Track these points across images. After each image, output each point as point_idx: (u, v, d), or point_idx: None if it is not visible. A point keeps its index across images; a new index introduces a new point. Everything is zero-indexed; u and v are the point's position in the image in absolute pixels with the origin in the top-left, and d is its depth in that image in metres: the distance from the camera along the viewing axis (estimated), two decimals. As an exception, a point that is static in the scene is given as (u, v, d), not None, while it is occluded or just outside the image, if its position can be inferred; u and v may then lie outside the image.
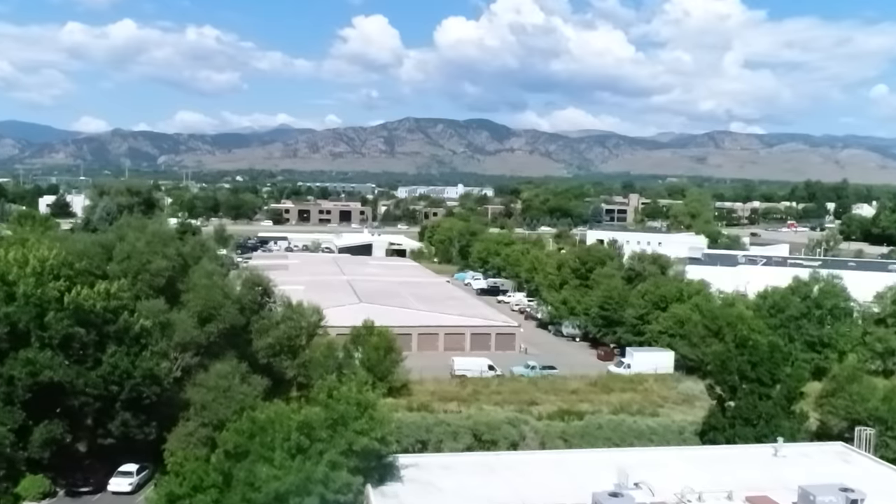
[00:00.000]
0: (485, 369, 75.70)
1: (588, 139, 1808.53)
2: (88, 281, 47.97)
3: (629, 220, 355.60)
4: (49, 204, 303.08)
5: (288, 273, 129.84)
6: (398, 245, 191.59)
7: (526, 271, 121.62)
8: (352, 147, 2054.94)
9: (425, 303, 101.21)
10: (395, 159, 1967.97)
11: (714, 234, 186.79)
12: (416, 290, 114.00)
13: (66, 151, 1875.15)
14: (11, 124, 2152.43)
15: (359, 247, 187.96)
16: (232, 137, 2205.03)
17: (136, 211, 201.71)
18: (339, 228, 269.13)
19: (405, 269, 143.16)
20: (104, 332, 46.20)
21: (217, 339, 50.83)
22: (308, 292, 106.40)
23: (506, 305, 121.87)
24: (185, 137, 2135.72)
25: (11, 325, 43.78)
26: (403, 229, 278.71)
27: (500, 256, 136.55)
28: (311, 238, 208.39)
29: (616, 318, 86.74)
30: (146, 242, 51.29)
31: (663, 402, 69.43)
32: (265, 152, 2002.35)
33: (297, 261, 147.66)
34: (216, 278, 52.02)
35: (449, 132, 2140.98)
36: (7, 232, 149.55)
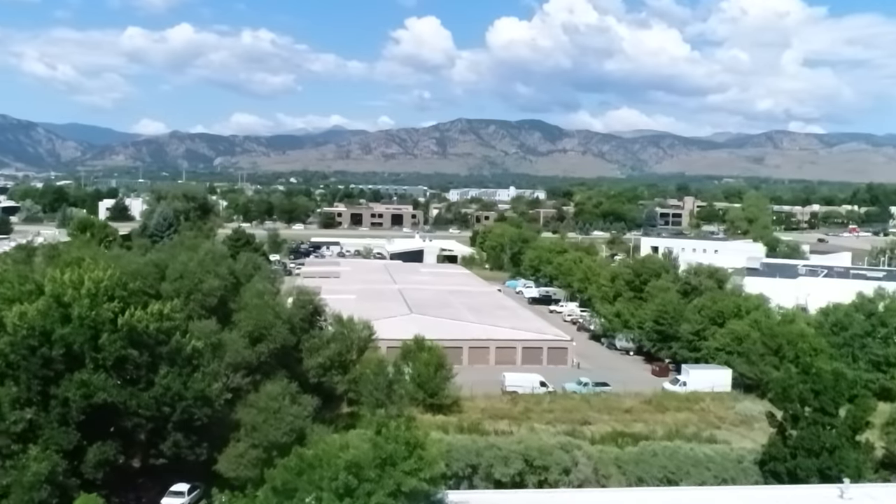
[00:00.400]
0: (536, 386, 74.64)
1: (642, 139, 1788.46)
2: (142, 301, 48.29)
3: (684, 224, 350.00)
4: (108, 208, 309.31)
5: (340, 281, 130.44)
6: (449, 251, 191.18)
7: (579, 281, 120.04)
8: (404, 148, 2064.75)
9: (476, 314, 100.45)
10: (447, 160, 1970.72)
11: (772, 241, 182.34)
12: (467, 299, 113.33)
13: (125, 153, 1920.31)
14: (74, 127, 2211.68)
15: (410, 252, 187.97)
16: (286, 139, 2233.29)
17: (192, 216, 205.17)
18: (390, 233, 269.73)
19: (456, 276, 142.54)
20: (157, 353, 46.43)
21: (268, 358, 50.78)
22: (359, 302, 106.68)
23: (557, 316, 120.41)
24: (240, 139, 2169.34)
25: (67, 346, 44.20)
26: (455, 234, 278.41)
27: (553, 265, 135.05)
28: (362, 243, 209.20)
29: (671, 332, 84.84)
30: (199, 262, 51.51)
31: (720, 423, 67.65)
32: (318, 154, 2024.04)
33: (349, 268, 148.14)
34: (267, 297, 51.98)
35: (501, 133, 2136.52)
36: (67, 238, 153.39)
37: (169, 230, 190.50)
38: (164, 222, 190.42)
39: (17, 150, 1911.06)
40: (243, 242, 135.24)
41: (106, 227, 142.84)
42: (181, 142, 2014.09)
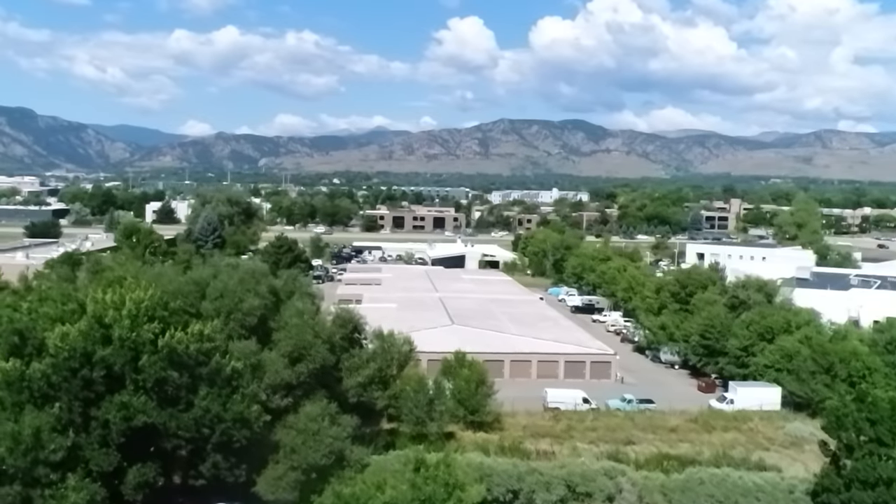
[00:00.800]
0: (579, 402, 73.36)
1: (687, 139, 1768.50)
2: (182, 321, 48.14)
3: (730, 228, 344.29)
4: (155, 210, 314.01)
5: (381, 289, 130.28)
6: (491, 256, 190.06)
7: (623, 290, 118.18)
8: (446, 149, 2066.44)
9: (518, 324, 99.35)
10: (490, 161, 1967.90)
11: (822, 249, 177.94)
12: (508, 308, 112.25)
13: (172, 154, 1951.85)
14: (123, 128, 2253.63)
15: (452, 258, 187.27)
16: (329, 140, 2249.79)
17: (236, 221, 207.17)
18: (432, 236, 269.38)
19: (498, 284, 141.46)
20: (196, 374, 46.22)
21: (307, 378, 50.38)
22: (400, 311, 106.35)
23: (601, 326, 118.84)
24: (284, 140, 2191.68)
25: (107, 367, 44.21)
26: (497, 237, 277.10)
27: (596, 273, 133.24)
28: (404, 248, 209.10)
29: (718, 347, 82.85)
30: (239, 280, 51.31)
31: (769, 444, 65.73)
32: (361, 154, 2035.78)
33: (391, 274, 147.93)
34: (307, 317, 51.55)
35: (544, 133, 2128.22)
36: (114, 243, 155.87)
37: (213, 235, 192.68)
38: (209, 227, 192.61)
39: (68, 152, 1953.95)
40: (286, 249, 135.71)
41: (151, 234, 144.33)
42: (227, 143, 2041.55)
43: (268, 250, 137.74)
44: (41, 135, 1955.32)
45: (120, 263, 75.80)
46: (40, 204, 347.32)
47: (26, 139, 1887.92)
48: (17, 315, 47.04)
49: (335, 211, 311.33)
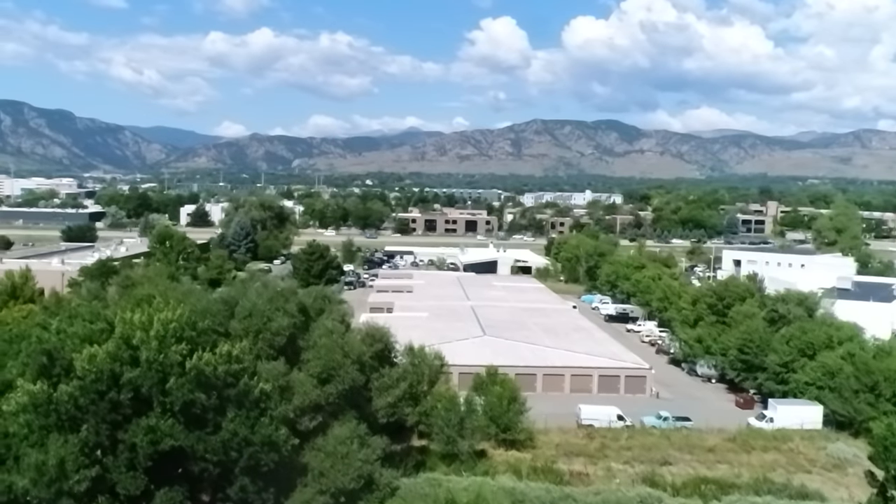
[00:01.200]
0: (613, 419, 71.77)
1: (722, 139, 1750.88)
2: (210, 341, 47.59)
3: (767, 232, 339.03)
4: (189, 213, 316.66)
5: (412, 296, 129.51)
6: (523, 262, 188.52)
7: (658, 300, 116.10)
8: (479, 149, 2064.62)
9: (551, 335, 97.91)
10: (522, 161, 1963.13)
11: (864, 256, 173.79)
12: (541, 318, 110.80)
13: (207, 156, 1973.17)
14: (159, 130, 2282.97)
15: (484, 263, 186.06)
16: (362, 141, 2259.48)
17: (268, 225, 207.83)
18: (464, 240, 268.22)
19: (530, 291, 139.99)
20: (224, 396, 45.58)
21: (336, 399, 49.57)
22: (432, 320, 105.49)
23: (635, 335, 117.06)
24: (317, 141, 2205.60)
25: (135, 389, 43.78)
26: (529, 241, 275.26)
27: (630, 281, 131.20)
28: (436, 253, 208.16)
29: (757, 363, 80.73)
30: (268, 299, 50.64)
31: (811, 466, 63.68)
32: (394, 155, 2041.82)
33: (422, 281, 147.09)
34: (336, 336, 50.72)
35: (577, 133, 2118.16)
36: (148, 247, 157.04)
37: (246, 240, 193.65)
38: (242, 231, 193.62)
39: (105, 153, 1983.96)
40: (317, 256, 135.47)
41: (184, 240, 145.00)
42: (261, 144, 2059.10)
43: (300, 257, 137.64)
44: (80, 136, 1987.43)
45: (149, 278, 75.71)
46: (77, 207, 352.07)
47: (65, 141, 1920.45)
48: (45, 335, 46.87)
49: (367, 214, 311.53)
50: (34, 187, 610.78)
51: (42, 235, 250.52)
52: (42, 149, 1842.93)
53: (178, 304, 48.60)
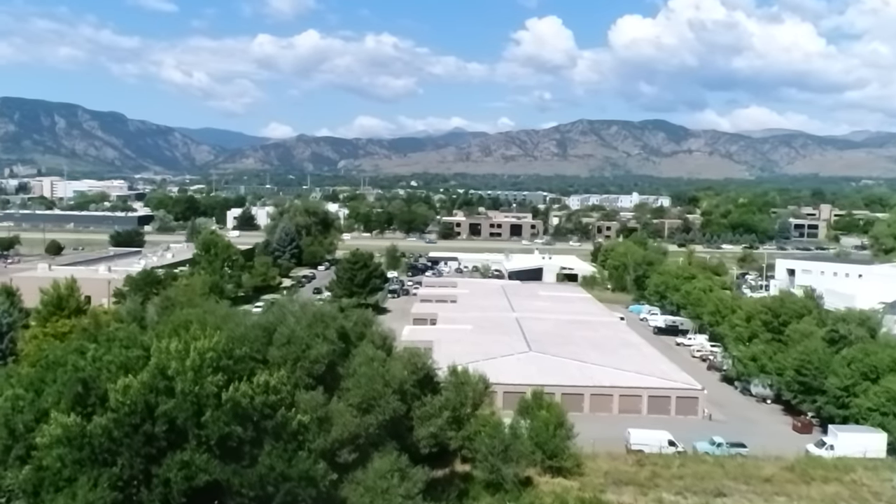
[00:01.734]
0: (664, 444, 69.00)
1: (773, 139, 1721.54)
2: (248, 368, 46.32)
3: (820, 236, 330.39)
4: (236, 217, 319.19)
5: (457, 307, 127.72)
6: (569, 269, 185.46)
7: (709, 314, 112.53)
8: (524, 150, 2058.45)
9: (599, 351, 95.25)
10: (568, 162, 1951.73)
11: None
12: (588, 331, 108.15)
13: (255, 157, 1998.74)
14: (208, 131, 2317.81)
15: (529, 271, 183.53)
16: (407, 142, 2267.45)
17: (313, 231, 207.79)
18: (508, 245, 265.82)
19: (577, 302, 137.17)
20: (261, 429, 44.19)
21: (376, 430, 47.85)
22: (476, 334, 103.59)
23: (685, 350, 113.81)
24: (363, 142, 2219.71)
25: (170, 422, 42.59)
26: (575, 246, 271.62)
27: (680, 293, 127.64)
28: (480, 259, 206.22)
29: (816, 385, 77.18)
30: (308, 325, 49.11)
31: (876, 500, 60.32)
32: (439, 156, 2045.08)
33: (466, 290, 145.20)
34: (377, 364, 49.01)
35: (623, 134, 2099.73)
36: (193, 253, 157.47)
37: (291, 245, 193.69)
38: (286, 237, 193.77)
39: (155, 154, 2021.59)
40: (361, 265, 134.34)
41: (229, 247, 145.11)
42: (307, 145, 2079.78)
43: (343, 266, 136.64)
44: (131, 138, 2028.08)
45: (189, 299, 75.04)
46: (127, 210, 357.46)
47: (117, 142, 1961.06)
48: (81, 362, 46.01)
49: (412, 218, 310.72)
50: (86, 189, 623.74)
51: (92, 239, 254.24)
52: (95, 150, 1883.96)
53: (216, 331, 47.39)
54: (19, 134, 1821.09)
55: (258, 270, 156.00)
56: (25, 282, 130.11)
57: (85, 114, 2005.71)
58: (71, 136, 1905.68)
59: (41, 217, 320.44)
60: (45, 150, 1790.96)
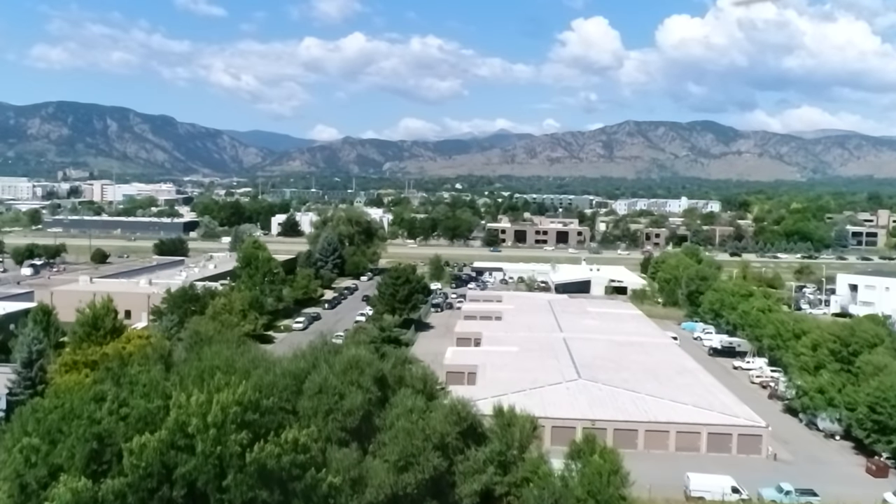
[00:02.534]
0: (727, 491, 63.71)
1: (825, 140, 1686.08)
2: (275, 422, 42.58)
3: (880, 244, 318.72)
4: (280, 223, 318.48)
5: (502, 325, 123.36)
6: (618, 282, 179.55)
7: (770, 338, 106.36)
8: (570, 152, 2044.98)
9: (653, 378, 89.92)
10: (614, 164, 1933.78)
11: None
12: (641, 355, 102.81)
13: (301, 159, 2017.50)
14: (256, 134, 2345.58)
15: (576, 283, 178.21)
16: (453, 144, 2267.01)
17: (356, 240, 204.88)
18: (555, 253, 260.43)
19: (627, 320, 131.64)
20: (289, 491, 40.43)
21: (415, 489, 43.77)
22: (522, 358, 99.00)
23: (743, 374, 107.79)
24: (408, 144, 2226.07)
25: (189, 485, 39.05)
26: (623, 255, 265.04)
27: (737, 312, 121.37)
28: (526, 270, 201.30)
29: (892, 425, 71.14)
30: (341, 371, 45.23)
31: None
32: (484, 158, 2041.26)
33: (512, 305, 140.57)
34: (416, 416, 44.91)
35: (671, 135, 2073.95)
36: (235, 263, 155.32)
37: (333, 255, 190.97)
38: (329, 247, 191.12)
39: (204, 157, 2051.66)
40: (403, 280, 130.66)
41: (269, 261, 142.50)
42: (353, 147, 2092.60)
43: (385, 281, 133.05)
44: (181, 141, 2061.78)
45: (218, 331, 71.90)
46: (173, 216, 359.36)
47: (167, 145, 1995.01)
48: (98, 414, 42.79)
49: (456, 224, 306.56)
50: (135, 193, 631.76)
51: (137, 247, 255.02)
52: (146, 153, 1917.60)
53: (242, 379, 43.77)
54: (73, 137, 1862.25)
55: (300, 283, 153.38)
56: (66, 296, 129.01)
57: (136, 117, 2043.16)
58: (123, 140, 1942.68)
59: (89, 223, 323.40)
60: (98, 152, 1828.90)
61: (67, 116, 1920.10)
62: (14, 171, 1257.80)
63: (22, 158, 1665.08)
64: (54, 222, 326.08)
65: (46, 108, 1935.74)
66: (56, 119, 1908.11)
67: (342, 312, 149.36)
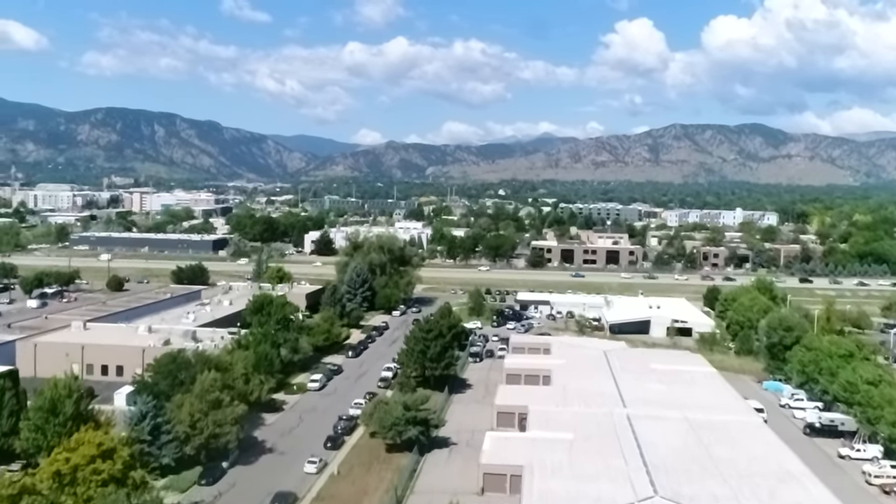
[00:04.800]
0: None
1: (879, 142, 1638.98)
2: None
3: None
4: (314, 241, 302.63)
5: (551, 393, 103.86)
6: (682, 322, 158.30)
7: (890, 425, 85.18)
8: (615, 156, 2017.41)
9: (750, 492, 69.71)
10: (660, 168, 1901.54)
11: None
12: (726, 445, 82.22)
13: (345, 164, 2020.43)
14: (300, 139, 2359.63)
15: (634, 323, 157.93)
16: (496, 148, 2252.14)
17: (388, 270, 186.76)
18: (605, 277, 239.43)
19: (700, 381, 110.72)
20: None
21: None
22: (577, 452, 79.37)
23: (853, 465, 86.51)
24: (451, 148, 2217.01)
25: None
26: (681, 280, 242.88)
27: (838, 382, 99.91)
28: (576, 303, 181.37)
29: None
30: None
31: None
32: (528, 162, 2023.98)
33: (562, 360, 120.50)
34: None
35: (718, 138, 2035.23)
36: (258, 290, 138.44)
37: (362, 288, 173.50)
38: (358, 279, 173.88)
39: (249, 162, 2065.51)
40: (435, 335, 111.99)
41: (284, 306, 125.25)
42: (396, 152, 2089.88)
43: (415, 335, 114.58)
44: (226, 146, 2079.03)
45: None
46: (205, 231, 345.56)
47: (213, 150, 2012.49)
48: None
49: (499, 244, 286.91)
50: (174, 203, 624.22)
51: (160, 269, 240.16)
52: (192, 158, 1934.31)
53: None
54: (121, 143, 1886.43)
55: (321, 327, 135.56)
56: (50, 350, 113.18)
57: (183, 122, 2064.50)
58: (169, 145, 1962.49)
59: (116, 241, 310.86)
60: (145, 158, 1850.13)
61: (116, 122, 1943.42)
62: (63, 177, 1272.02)
63: (71, 164, 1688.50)
64: (81, 239, 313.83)
65: (96, 114, 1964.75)
66: (105, 125, 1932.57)
67: (368, 363, 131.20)
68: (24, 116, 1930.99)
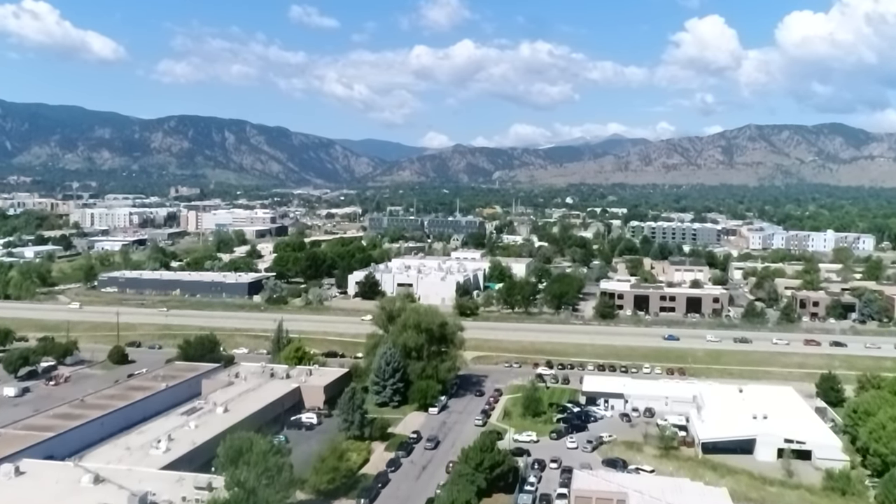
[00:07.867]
0: None
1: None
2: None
3: None
4: (358, 282, 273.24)
5: None
6: (799, 444, 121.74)
7: None
8: (686, 158, 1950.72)
9: None
10: (734, 170, 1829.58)
11: None
12: None
13: (411, 169, 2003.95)
14: (368, 143, 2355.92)
15: (734, 442, 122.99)
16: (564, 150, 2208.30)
17: (425, 353, 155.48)
18: (687, 332, 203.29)
19: None
20: None
21: None
22: None
23: None
24: (518, 152, 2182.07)
25: None
26: (782, 346, 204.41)
27: None
28: (657, 395, 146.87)
29: None
30: None
31: None
32: (597, 165, 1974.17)
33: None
34: None
35: (796, 139, 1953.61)
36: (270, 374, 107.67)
37: (394, 378, 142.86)
38: (388, 368, 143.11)
39: (317, 167, 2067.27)
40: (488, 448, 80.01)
41: (267, 456, 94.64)
42: (462, 156, 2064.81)
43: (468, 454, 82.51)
44: (294, 152, 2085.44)
45: None
46: (247, 267, 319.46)
47: (281, 156, 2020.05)
48: None
49: (563, 291, 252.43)
50: (229, 222, 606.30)
51: (183, 326, 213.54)
52: (261, 164, 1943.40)
53: None
54: (193, 150, 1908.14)
55: (326, 463, 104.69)
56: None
57: (252, 129, 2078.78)
58: (239, 151, 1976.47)
59: (146, 283, 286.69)
60: (216, 164, 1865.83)
61: (188, 129, 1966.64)
62: (135, 185, 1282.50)
63: (145, 171, 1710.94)
64: (109, 280, 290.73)
65: (169, 121, 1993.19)
66: (177, 132, 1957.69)
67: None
68: (101, 125, 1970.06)
